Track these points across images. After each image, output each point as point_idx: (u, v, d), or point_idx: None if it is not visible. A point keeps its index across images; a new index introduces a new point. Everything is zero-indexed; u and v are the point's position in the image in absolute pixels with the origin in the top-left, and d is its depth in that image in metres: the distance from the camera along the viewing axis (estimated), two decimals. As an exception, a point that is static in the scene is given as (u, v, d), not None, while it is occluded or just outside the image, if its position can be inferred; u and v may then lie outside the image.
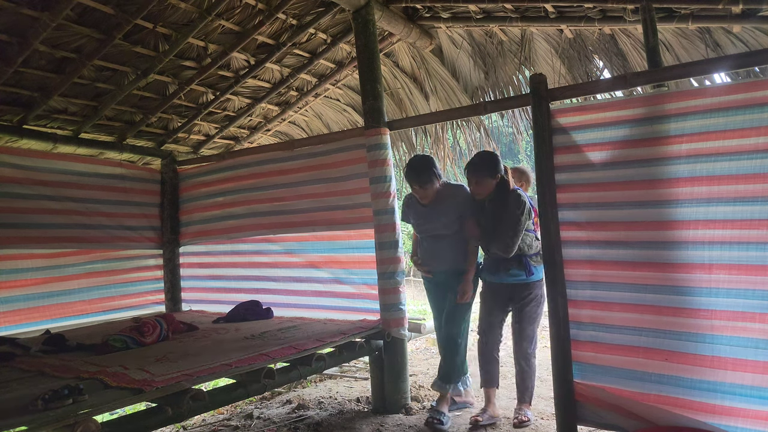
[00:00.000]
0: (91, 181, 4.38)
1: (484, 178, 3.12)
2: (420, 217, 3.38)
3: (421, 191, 3.26)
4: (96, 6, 3.31)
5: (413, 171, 3.24)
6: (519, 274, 3.14)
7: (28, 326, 3.92)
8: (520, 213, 3.04)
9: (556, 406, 2.67)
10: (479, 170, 3.13)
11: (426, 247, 3.40)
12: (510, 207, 3.08)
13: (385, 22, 4.01)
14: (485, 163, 3.15)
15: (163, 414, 2.39)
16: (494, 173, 3.12)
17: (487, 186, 3.13)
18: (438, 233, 3.32)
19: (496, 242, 3.11)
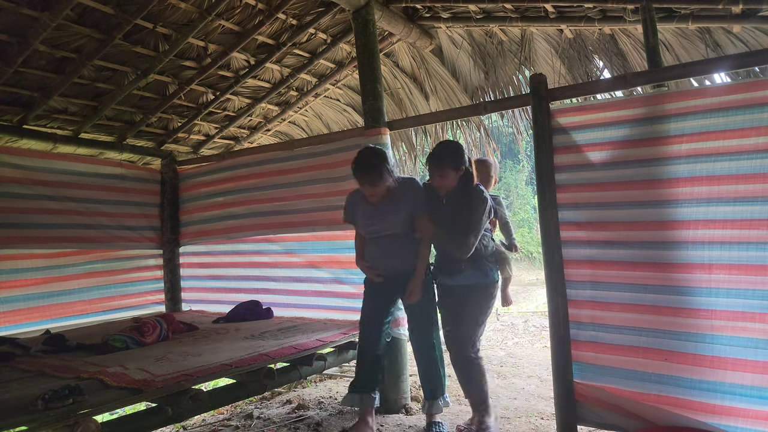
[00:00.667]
0: (91, 181, 4.39)
1: (448, 170, 2.81)
2: (368, 217, 2.99)
3: (371, 189, 2.87)
4: (96, 6, 3.31)
5: (363, 167, 2.86)
6: (474, 275, 2.85)
7: (28, 326, 3.92)
8: (483, 210, 2.78)
9: (556, 406, 2.67)
10: (443, 162, 2.82)
11: (375, 248, 3.02)
12: (472, 203, 2.80)
13: (385, 22, 4.01)
14: (449, 154, 2.85)
15: (163, 414, 2.40)
16: (458, 165, 2.82)
17: (450, 179, 2.84)
18: (389, 233, 2.95)
19: (453, 241, 2.82)
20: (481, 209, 2.79)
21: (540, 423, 3.22)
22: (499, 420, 3.25)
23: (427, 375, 3.08)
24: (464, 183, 2.86)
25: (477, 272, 2.86)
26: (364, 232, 3.07)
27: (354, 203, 3.09)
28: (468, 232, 2.77)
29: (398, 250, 2.97)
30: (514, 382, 4.21)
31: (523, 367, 4.70)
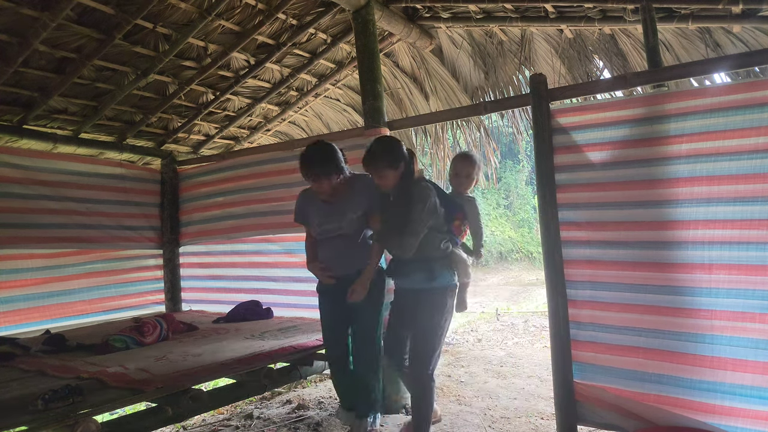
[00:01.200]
0: (91, 181, 4.39)
1: (383, 169, 2.66)
2: (322, 216, 2.86)
3: (316, 185, 2.75)
4: (96, 6, 3.31)
5: (310, 162, 2.71)
6: (420, 279, 2.68)
7: (28, 326, 3.92)
8: (421, 209, 2.61)
9: (556, 406, 2.67)
10: (376, 161, 2.67)
11: (328, 249, 2.88)
12: (412, 201, 2.64)
13: (385, 22, 4.01)
14: (382, 151, 2.68)
15: (163, 414, 2.40)
16: (395, 163, 2.66)
17: (390, 178, 2.68)
18: (343, 233, 2.83)
19: (395, 241, 2.67)
20: (419, 207, 2.61)
21: (540, 423, 3.23)
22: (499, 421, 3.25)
23: (361, 385, 2.85)
24: (404, 180, 2.71)
25: (424, 275, 2.67)
26: (317, 232, 2.90)
27: (306, 202, 2.95)
28: (404, 231, 2.62)
29: (351, 251, 2.85)
30: (514, 382, 4.21)
31: (523, 367, 4.70)
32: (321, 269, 2.87)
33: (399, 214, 2.67)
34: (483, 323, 8.26)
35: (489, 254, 25.28)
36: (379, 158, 2.67)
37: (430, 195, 2.66)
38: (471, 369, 4.68)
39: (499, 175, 24.95)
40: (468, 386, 4.11)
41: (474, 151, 3.37)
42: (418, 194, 2.65)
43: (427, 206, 2.63)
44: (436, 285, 2.68)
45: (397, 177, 2.70)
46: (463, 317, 9.94)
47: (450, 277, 2.74)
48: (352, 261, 2.84)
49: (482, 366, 4.79)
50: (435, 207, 2.67)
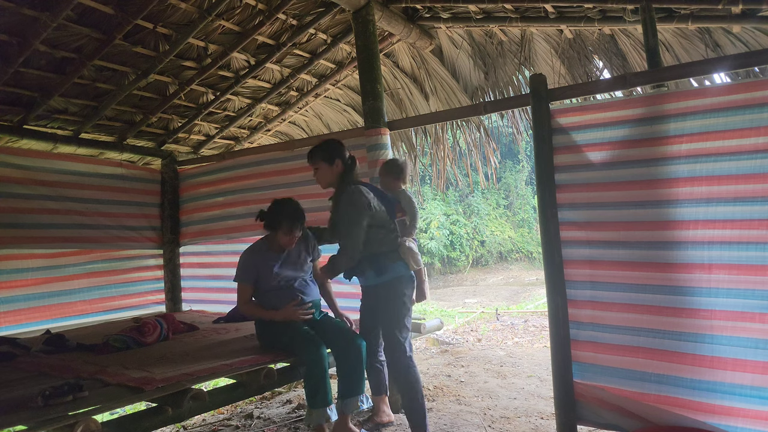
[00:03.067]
0: (91, 181, 4.39)
1: (318, 162, 2.88)
2: (281, 266, 2.97)
3: (296, 237, 2.96)
4: (96, 6, 3.32)
5: (301, 217, 2.93)
6: (373, 275, 2.86)
7: (29, 326, 3.93)
8: (352, 213, 2.73)
9: (556, 406, 2.67)
10: (312, 154, 2.92)
11: (290, 293, 2.98)
12: (339, 208, 2.80)
13: (385, 23, 4.02)
14: (321, 145, 2.92)
15: (163, 414, 2.40)
16: (329, 157, 2.85)
17: (324, 174, 2.90)
18: (301, 275, 3.05)
19: (336, 257, 2.90)
20: (349, 211, 2.74)
21: (540, 423, 3.23)
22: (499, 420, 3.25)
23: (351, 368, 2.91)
24: (340, 183, 2.88)
25: (374, 271, 2.84)
26: (274, 283, 2.96)
27: (257, 260, 2.97)
28: (341, 236, 2.82)
29: (310, 285, 3.09)
30: (514, 381, 4.21)
31: (523, 367, 4.70)
32: (298, 307, 2.94)
33: (336, 222, 2.85)
34: (483, 323, 8.26)
35: (489, 254, 25.29)
36: (317, 150, 2.91)
37: (358, 197, 2.75)
38: (471, 369, 4.69)
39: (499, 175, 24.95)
40: (468, 386, 4.11)
41: (397, 158, 3.52)
42: (345, 199, 2.77)
43: (357, 208, 2.73)
44: (387, 278, 2.85)
45: (332, 175, 2.89)
46: (463, 317, 9.95)
47: (400, 267, 2.87)
48: (314, 290, 3.13)
49: (482, 366, 4.80)
50: (369, 206, 2.76)
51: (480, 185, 24.31)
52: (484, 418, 3.33)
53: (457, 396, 3.83)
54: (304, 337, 2.88)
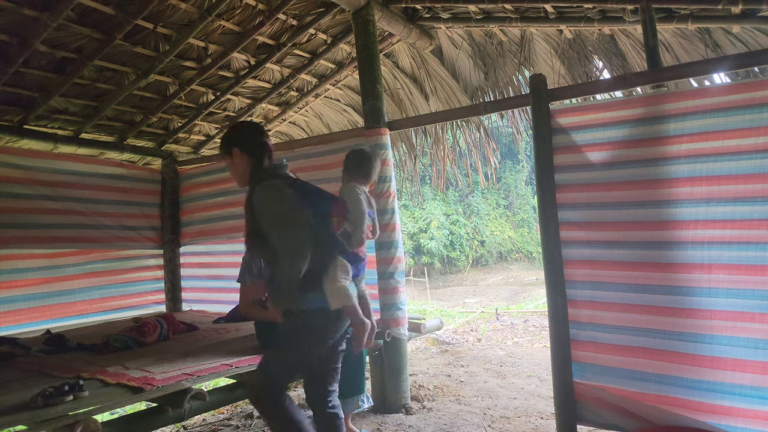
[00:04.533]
0: (91, 181, 4.39)
1: (224, 156, 2.20)
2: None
3: None
4: (96, 6, 3.32)
5: None
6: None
7: (29, 326, 3.93)
8: (273, 210, 2.00)
9: (556, 406, 2.67)
10: (221, 145, 2.22)
11: None
12: (255, 209, 2.04)
13: (385, 23, 4.02)
14: (227, 132, 2.24)
15: (163, 414, 2.40)
16: (227, 147, 2.15)
17: (234, 170, 2.18)
18: None
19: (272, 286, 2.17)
20: (272, 211, 1.99)
21: (540, 422, 3.23)
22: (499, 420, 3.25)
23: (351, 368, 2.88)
24: (249, 183, 2.15)
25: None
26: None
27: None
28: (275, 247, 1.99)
29: None
30: (513, 381, 4.22)
31: (523, 367, 4.70)
32: None
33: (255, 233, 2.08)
34: (483, 323, 8.26)
35: (489, 254, 25.28)
36: (221, 141, 2.22)
37: (276, 191, 2.02)
38: (471, 369, 4.69)
39: (499, 175, 24.93)
40: (468, 386, 4.11)
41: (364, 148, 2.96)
42: (258, 198, 2.01)
43: (281, 203, 1.99)
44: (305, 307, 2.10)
45: (240, 170, 2.15)
46: (463, 317, 9.95)
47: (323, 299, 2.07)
48: None
49: (482, 366, 4.80)
50: (294, 207, 2.01)
51: (480, 185, 24.33)
52: (484, 418, 3.33)
53: (457, 396, 3.83)
54: None
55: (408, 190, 5.98)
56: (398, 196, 4.01)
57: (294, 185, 2.11)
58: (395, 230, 3.56)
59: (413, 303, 14.09)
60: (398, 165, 5.58)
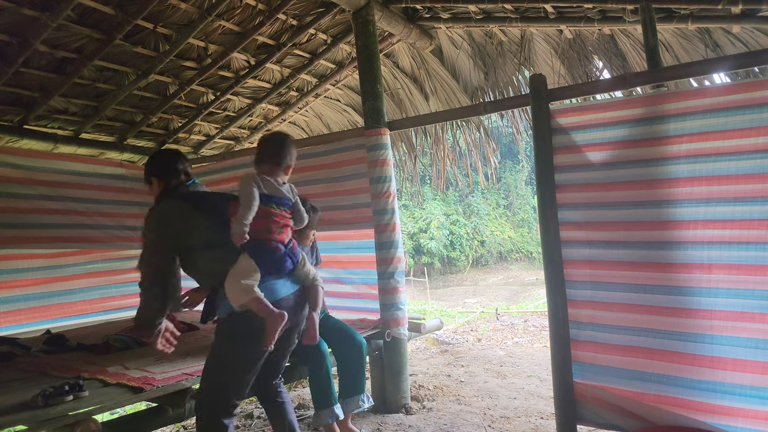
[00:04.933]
0: (91, 181, 4.39)
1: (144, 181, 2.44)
2: None
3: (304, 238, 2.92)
4: (96, 6, 3.32)
5: (314, 214, 2.91)
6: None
7: (29, 326, 3.93)
8: (148, 235, 2.19)
9: (556, 406, 2.67)
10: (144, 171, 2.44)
11: None
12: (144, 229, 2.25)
13: (385, 23, 4.02)
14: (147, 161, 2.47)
15: (163, 414, 2.40)
16: (146, 176, 2.40)
17: (152, 193, 2.40)
18: None
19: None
20: (147, 235, 2.20)
21: (540, 423, 3.23)
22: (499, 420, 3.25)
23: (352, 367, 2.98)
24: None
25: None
26: None
27: None
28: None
29: None
30: (513, 381, 4.22)
31: (523, 367, 4.70)
32: None
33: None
34: (483, 323, 8.27)
35: (489, 254, 25.29)
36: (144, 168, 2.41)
37: (162, 214, 2.21)
38: (471, 368, 4.69)
39: (499, 175, 24.93)
40: (468, 386, 4.11)
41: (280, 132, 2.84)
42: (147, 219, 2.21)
43: (157, 228, 2.18)
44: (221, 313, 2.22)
45: (155, 194, 2.36)
46: (463, 317, 9.95)
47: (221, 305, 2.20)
48: None
49: (482, 366, 4.80)
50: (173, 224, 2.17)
51: (480, 185, 24.34)
52: (484, 418, 3.33)
53: (457, 396, 3.83)
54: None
55: (408, 190, 5.98)
56: (398, 196, 4.01)
57: (191, 199, 2.26)
58: (395, 230, 3.56)
59: (413, 303, 14.10)
60: (398, 165, 5.58)
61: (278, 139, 2.32)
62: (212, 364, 2.13)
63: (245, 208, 2.07)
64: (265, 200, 2.14)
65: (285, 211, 2.22)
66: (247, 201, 2.08)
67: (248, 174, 2.20)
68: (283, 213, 2.21)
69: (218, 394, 2.12)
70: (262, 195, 2.13)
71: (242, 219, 2.05)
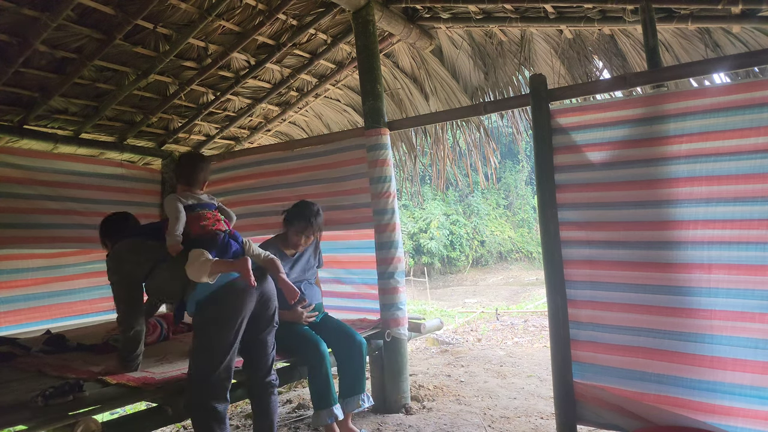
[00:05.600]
0: (91, 181, 4.39)
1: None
2: (293, 269, 3.15)
3: (308, 240, 3.12)
4: (96, 6, 3.32)
5: (316, 215, 3.09)
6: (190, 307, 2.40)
7: (29, 326, 3.92)
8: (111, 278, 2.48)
9: (556, 406, 2.67)
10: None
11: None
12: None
13: (385, 23, 4.02)
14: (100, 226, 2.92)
15: (163, 414, 2.40)
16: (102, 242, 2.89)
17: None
18: (305, 279, 3.21)
19: None
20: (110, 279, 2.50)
21: (540, 422, 3.23)
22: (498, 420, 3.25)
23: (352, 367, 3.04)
24: None
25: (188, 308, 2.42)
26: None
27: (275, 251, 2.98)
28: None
29: (314, 288, 3.27)
30: (513, 381, 4.22)
31: (523, 367, 4.70)
32: (303, 309, 3.05)
33: None
34: (483, 323, 8.27)
35: (489, 254, 25.27)
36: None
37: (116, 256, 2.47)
38: (471, 369, 4.69)
39: (499, 175, 24.93)
40: (468, 386, 4.11)
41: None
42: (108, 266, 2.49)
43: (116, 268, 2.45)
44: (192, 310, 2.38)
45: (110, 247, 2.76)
46: (463, 317, 9.96)
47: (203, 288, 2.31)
48: (316, 294, 3.29)
49: (482, 366, 4.80)
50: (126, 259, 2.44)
51: (480, 185, 24.34)
52: (484, 418, 3.33)
53: (457, 396, 3.83)
54: (305, 337, 2.88)
55: (408, 190, 5.98)
56: (398, 196, 4.01)
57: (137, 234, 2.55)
58: (395, 230, 3.56)
59: (413, 303, 14.10)
60: (398, 165, 5.58)
61: (190, 161, 2.62)
62: (192, 355, 2.32)
63: (173, 220, 2.38)
64: (191, 208, 2.44)
65: (213, 211, 2.51)
66: (174, 214, 2.39)
67: (169, 195, 2.53)
68: (212, 212, 2.49)
69: (203, 380, 2.26)
70: (186, 206, 2.43)
71: (173, 231, 2.35)
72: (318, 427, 2.94)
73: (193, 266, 2.25)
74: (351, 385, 3.00)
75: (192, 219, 2.42)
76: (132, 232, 2.61)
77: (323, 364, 2.84)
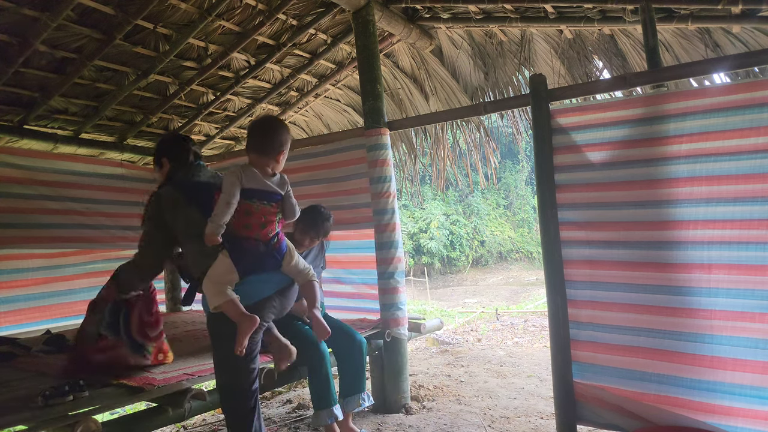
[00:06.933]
0: (91, 181, 4.39)
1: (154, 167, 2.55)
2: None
3: (311, 241, 3.05)
4: (96, 6, 3.32)
5: (324, 222, 3.00)
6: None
7: (29, 326, 3.92)
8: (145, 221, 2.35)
9: (556, 406, 2.67)
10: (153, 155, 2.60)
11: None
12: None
13: (385, 23, 4.02)
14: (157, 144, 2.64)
15: (163, 414, 2.40)
16: (157, 159, 2.49)
17: (161, 176, 2.50)
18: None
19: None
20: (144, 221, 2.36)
21: (540, 423, 3.23)
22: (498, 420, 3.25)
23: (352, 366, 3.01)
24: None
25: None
26: None
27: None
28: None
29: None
30: (513, 381, 4.22)
31: (523, 367, 4.70)
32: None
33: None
34: (483, 323, 8.27)
35: (489, 254, 25.28)
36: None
37: (157, 201, 2.28)
38: (471, 369, 4.69)
39: (499, 175, 24.93)
40: (468, 386, 4.11)
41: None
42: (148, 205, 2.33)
43: (149, 215, 2.30)
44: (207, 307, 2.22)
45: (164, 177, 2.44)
46: (463, 317, 9.96)
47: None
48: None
49: (482, 366, 4.80)
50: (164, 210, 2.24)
51: (480, 185, 24.34)
52: (484, 418, 3.33)
53: (457, 396, 3.83)
54: (305, 337, 2.88)
55: (408, 190, 5.98)
56: (398, 196, 4.01)
57: (185, 188, 2.28)
58: (395, 230, 3.56)
59: (413, 303, 14.11)
60: (398, 165, 5.58)
61: (265, 124, 2.21)
62: (215, 366, 2.28)
63: (223, 204, 2.02)
64: (247, 195, 2.06)
65: (270, 205, 2.12)
66: (226, 197, 2.02)
67: (234, 167, 2.12)
68: (267, 208, 2.11)
69: (231, 386, 2.22)
70: (243, 190, 2.05)
71: (216, 218, 2.01)
72: (318, 427, 2.94)
73: (210, 283, 2.07)
74: (351, 384, 3.00)
75: (240, 210, 2.06)
76: (186, 184, 2.31)
77: (323, 364, 2.84)
